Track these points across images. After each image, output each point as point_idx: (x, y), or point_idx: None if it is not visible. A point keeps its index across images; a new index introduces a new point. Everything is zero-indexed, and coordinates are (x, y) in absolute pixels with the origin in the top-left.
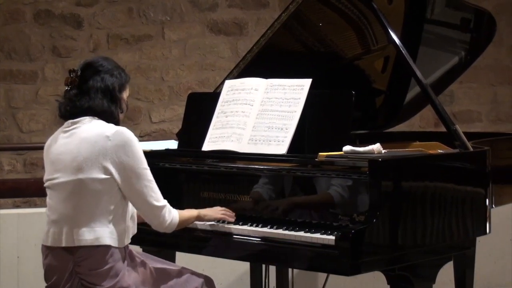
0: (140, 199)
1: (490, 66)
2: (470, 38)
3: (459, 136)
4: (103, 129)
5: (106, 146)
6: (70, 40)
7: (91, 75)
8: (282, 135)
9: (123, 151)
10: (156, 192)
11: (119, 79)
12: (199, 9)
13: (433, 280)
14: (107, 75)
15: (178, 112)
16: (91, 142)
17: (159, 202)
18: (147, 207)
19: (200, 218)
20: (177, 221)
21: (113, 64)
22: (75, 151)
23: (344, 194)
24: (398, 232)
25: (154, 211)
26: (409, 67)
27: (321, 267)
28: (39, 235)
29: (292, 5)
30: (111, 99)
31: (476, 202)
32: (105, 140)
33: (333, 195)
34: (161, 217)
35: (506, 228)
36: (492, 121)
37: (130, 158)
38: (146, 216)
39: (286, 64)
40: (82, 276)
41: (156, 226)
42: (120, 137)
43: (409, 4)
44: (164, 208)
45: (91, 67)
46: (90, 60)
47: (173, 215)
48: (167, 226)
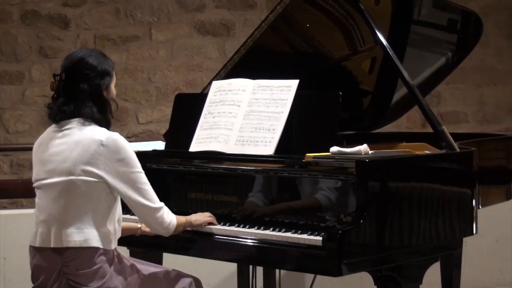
0: (137, 203)
1: (476, 67)
2: (457, 39)
3: (445, 137)
4: (96, 134)
5: (99, 151)
6: (57, 41)
7: (77, 80)
8: (269, 136)
9: (116, 157)
10: (152, 194)
11: (106, 77)
12: (186, 10)
13: (420, 280)
14: (94, 77)
15: (166, 113)
16: (84, 146)
17: (155, 204)
18: (145, 210)
19: (190, 224)
20: (175, 223)
21: (98, 59)
22: (67, 153)
23: (331, 195)
24: (385, 233)
25: (152, 213)
26: (396, 68)
27: (308, 267)
28: (26, 237)
29: (280, 6)
30: (101, 103)
31: (463, 202)
32: (98, 145)
33: (320, 196)
34: (159, 219)
35: (493, 229)
36: (479, 121)
37: (123, 164)
38: (145, 221)
39: (274, 65)
40: (70, 276)
41: (156, 229)
42: (113, 144)
43: (396, 5)
44: (162, 210)
45: (76, 70)
46: (74, 59)
47: (171, 217)
48: (167, 227)
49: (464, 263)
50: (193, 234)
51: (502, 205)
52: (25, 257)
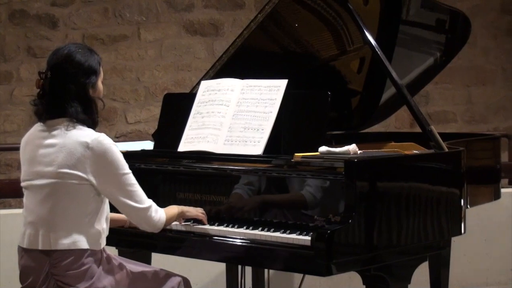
0: (125, 204)
1: (465, 67)
2: (445, 39)
3: (434, 136)
4: (82, 136)
5: (85, 154)
6: (45, 41)
7: (62, 78)
8: (258, 135)
9: (103, 159)
10: (140, 194)
11: (92, 76)
12: (175, 10)
13: (408, 280)
14: (80, 76)
15: (154, 113)
16: (70, 149)
17: (143, 204)
18: (133, 211)
19: (183, 214)
20: (164, 219)
21: (85, 56)
22: (53, 156)
23: (320, 195)
24: (374, 233)
25: (140, 214)
26: (385, 67)
27: (297, 267)
28: (14, 237)
29: (268, 5)
30: (87, 102)
31: (451, 202)
32: (84, 148)
33: (308, 196)
34: (147, 218)
35: (481, 228)
36: (467, 121)
37: (110, 166)
38: (134, 220)
39: (262, 64)
40: (58, 277)
41: (145, 228)
42: (99, 146)
43: (384, 5)
44: (150, 209)
45: (62, 68)
46: (60, 57)
47: (160, 213)
48: (155, 225)
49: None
50: (182, 234)
51: (490, 204)
52: (13, 257)
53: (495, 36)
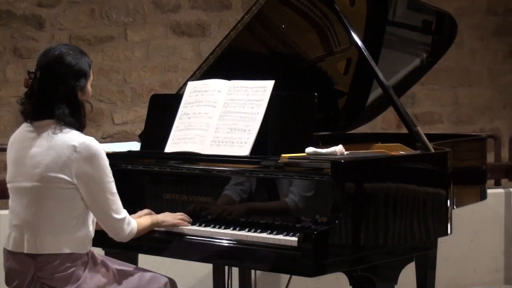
0: (101, 211)
1: (451, 68)
2: (431, 40)
3: (420, 137)
4: (70, 139)
5: (71, 157)
6: (31, 41)
7: (52, 80)
8: (245, 136)
9: (89, 163)
10: (117, 204)
11: (81, 79)
12: (161, 11)
13: (395, 280)
14: (69, 78)
15: (141, 114)
16: (57, 152)
17: (119, 214)
18: (107, 219)
19: (158, 225)
20: (135, 232)
21: (75, 58)
22: (39, 158)
23: (307, 196)
24: (361, 233)
25: (113, 223)
26: (371, 69)
27: (284, 268)
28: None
29: (255, 6)
30: (75, 105)
31: (438, 203)
32: (71, 151)
33: (295, 197)
34: (119, 229)
35: (467, 229)
36: (454, 122)
37: (95, 171)
38: (105, 227)
39: (249, 65)
40: (44, 280)
41: (114, 236)
42: (87, 150)
43: (371, 6)
44: (124, 220)
45: (52, 69)
46: (51, 58)
47: (132, 226)
48: (125, 237)
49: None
50: (168, 235)
51: (477, 205)
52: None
53: (482, 37)
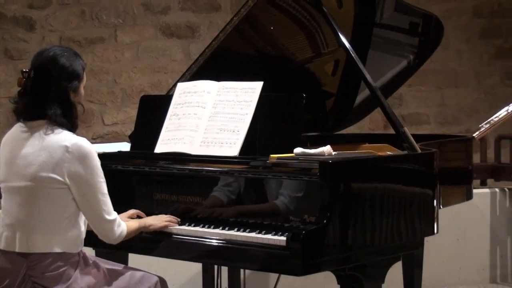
0: (92, 211)
1: (437, 70)
2: (418, 42)
3: (407, 138)
4: (62, 139)
5: (64, 157)
6: (22, 43)
7: (45, 80)
8: (234, 137)
9: (80, 164)
10: (108, 205)
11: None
12: (151, 12)
13: (382, 279)
14: (63, 79)
15: (131, 115)
16: (49, 153)
17: (110, 215)
18: (98, 219)
19: (145, 228)
20: (124, 234)
21: (69, 60)
22: (31, 158)
23: (295, 196)
24: (348, 233)
25: (104, 224)
26: (359, 70)
27: (272, 267)
28: None
29: (244, 8)
30: (67, 106)
31: (424, 203)
32: (63, 151)
33: (283, 197)
34: (109, 230)
35: (454, 229)
36: (440, 123)
37: (87, 171)
38: (95, 228)
39: (238, 67)
40: (35, 279)
41: (104, 238)
42: (79, 150)
43: (358, 8)
44: (115, 222)
45: (45, 70)
46: (45, 58)
47: (122, 228)
48: (115, 239)
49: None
50: (158, 235)
51: (463, 205)
52: None
53: (468, 39)
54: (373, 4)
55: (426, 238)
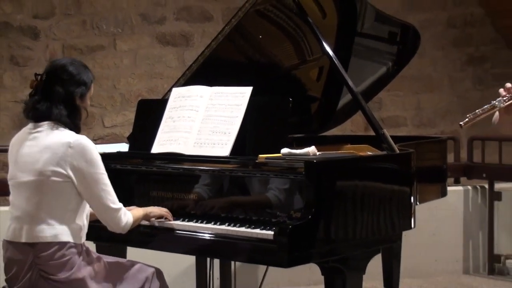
0: (98, 202)
1: (414, 76)
2: (396, 50)
3: (386, 139)
4: (64, 137)
5: (67, 153)
6: (27, 50)
7: (54, 83)
8: (225, 138)
9: (82, 158)
10: (113, 195)
11: (82, 87)
12: (148, 22)
13: (363, 271)
14: (70, 84)
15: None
16: (53, 149)
17: (115, 204)
18: (105, 209)
19: (147, 216)
20: (131, 222)
21: (78, 69)
22: (37, 155)
23: (282, 193)
24: (331, 227)
25: (111, 213)
26: (341, 76)
27: (261, 260)
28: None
29: (234, 18)
30: (72, 109)
31: (402, 199)
32: (66, 147)
33: (271, 194)
34: (117, 219)
35: (430, 223)
36: (416, 125)
37: (88, 165)
38: (103, 219)
39: (229, 73)
40: (41, 266)
41: (112, 228)
42: (80, 146)
43: (341, 19)
44: (120, 211)
45: (56, 74)
46: (57, 65)
47: (128, 216)
48: (123, 227)
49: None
50: (154, 229)
51: (438, 201)
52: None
53: (442, 48)
54: (354, 14)
55: (404, 232)
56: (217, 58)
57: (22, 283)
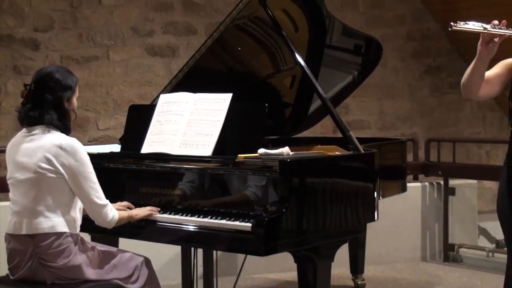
0: (86, 197)
1: (378, 84)
2: (361, 60)
3: (353, 141)
4: (56, 139)
5: (58, 153)
6: (29, 60)
7: (43, 90)
8: (208, 140)
9: (73, 158)
10: (100, 192)
11: (68, 91)
12: (138, 35)
13: (332, 258)
14: (58, 90)
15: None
16: (46, 149)
17: (102, 201)
18: (92, 204)
19: (131, 218)
20: (117, 218)
21: (63, 75)
22: (32, 156)
23: (259, 189)
24: (303, 220)
25: (98, 208)
26: (312, 84)
27: (240, 249)
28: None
29: (216, 32)
30: (61, 112)
31: (367, 194)
32: (57, 148)
33: (249, 190)
34: (103, 214)
35: (391, 216)
36: (379, 128)
37: (78, 164)
38: (91, 213)
39: (211, 81)
40: (41, 255)
41: (99, 222)
42: (70, 147)
43: (312, 32)
44: (106, 206)
45: (43, 82)
46: (43, 73)
47: (114, 212)
48: (109, 221)
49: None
50: (144, 222)
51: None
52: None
53: (403, 59)
54: (324, 28)
55: (368, 224)
56: (201, 68)
57: (24, 271)
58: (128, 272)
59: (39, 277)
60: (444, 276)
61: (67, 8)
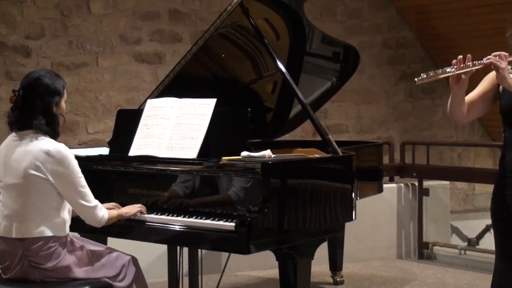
0: (76, 201)
1: (355, 89)
2: (340, 67)
3: (331, 143)
4: (44, 145)
5: (46, 159)
6: (20, 67)
7: (32, 96)
8: (193, 143)
9: (60, 164)
10: (89, 195)
11: (56, 96)
12: (126, 43)
13: (311, 256)
14: (46, 95)
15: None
16: (34, 155)
17: (91, 203)
18: (82, 207)
19: (121, 216)
20: (106, 217)
21: (52, 79)
22: (21, 161)
23: (242, 190)
24: (284, 220)
25: (87, 210)
26: (293, 89)
27: (224, 247)
28: None
29: (201, 40)
30: (50, 117)
31: (345, 195)
32: (45, 155)
33: (233, 191)
34: (94, 214)
35: (368, 216)
36: (357, 132)
37: (66, 170)
38: (82, 215)
39: (196, 87)
40: (31, 258)
41: (90, 222)
42: (58, 153)
43: (292, 40)
44: (96, 208)
45: (32, 88)
46: (31, 78)
47: (104, 212)
48: (99, 221)
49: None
50: (131, 221)
51: (375, 197)
52: None
53: (379, 65)
54: (304, 37)
55: (346, 223)
56: (186, 74)
57: (15, 272)
58: (116, 271)
59: (30, 276)
60: (419, 273)
61: (57, 16)
